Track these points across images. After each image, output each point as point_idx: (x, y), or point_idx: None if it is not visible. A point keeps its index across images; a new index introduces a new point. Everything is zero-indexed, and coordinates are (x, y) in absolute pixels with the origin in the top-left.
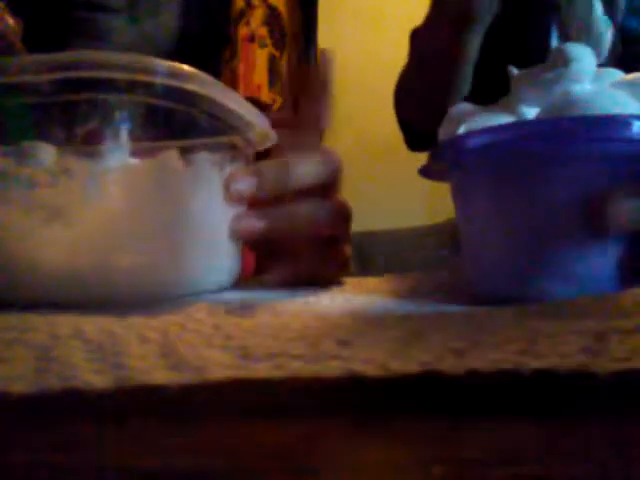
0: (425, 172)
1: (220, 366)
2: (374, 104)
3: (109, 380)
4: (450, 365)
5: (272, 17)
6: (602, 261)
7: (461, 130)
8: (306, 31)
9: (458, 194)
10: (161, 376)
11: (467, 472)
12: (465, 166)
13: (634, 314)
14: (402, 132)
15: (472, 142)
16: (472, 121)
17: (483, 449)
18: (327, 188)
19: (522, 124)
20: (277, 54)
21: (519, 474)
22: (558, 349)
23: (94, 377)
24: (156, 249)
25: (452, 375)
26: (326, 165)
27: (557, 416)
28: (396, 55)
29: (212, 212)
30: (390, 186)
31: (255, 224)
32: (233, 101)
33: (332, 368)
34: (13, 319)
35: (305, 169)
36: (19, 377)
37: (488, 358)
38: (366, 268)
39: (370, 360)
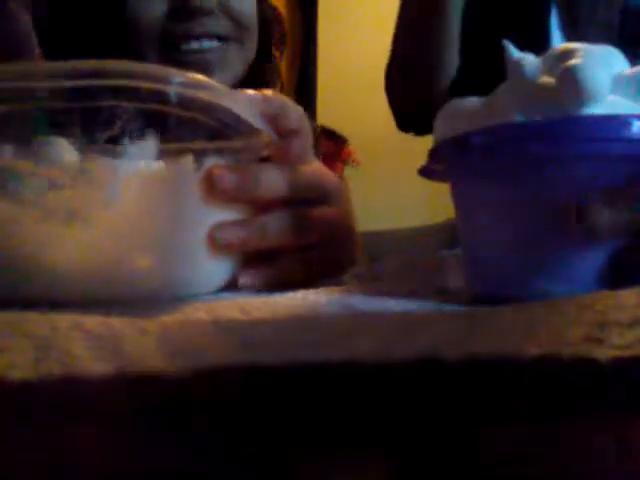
0: (425, 172)
1: (220, 354)
2: (375, 104)
3: (108, 367)
4: (450, 352)
5: (272, 17)
6: (603, 261)
7: (457, 128)
8: (306, 31)
9: (458, 194)
10: (160, 362)
11: (467, 472)
12: (465, 166)
13: (635, 308)
14: (393, 113)
15: (472, 142)
16: (469, 119)
17: (483, 449)
18: (327, 197)
19: (522, 124)
20: (277, 54)
21: (519, 474)
22: (559, 337)
23: (93, 365)
24: (166, 251)
25: (453, 361)
26: (324, 173)
27: (557, 416)
28: None
29: (213, 214)
30: (390, 186)
31: (235, 235)
32: (243, 109)
33: (333, 354)
34: (13, 315)
35: (302, 175)
36: (18, 365)
37: (489, 345)
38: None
39: (370, 347)
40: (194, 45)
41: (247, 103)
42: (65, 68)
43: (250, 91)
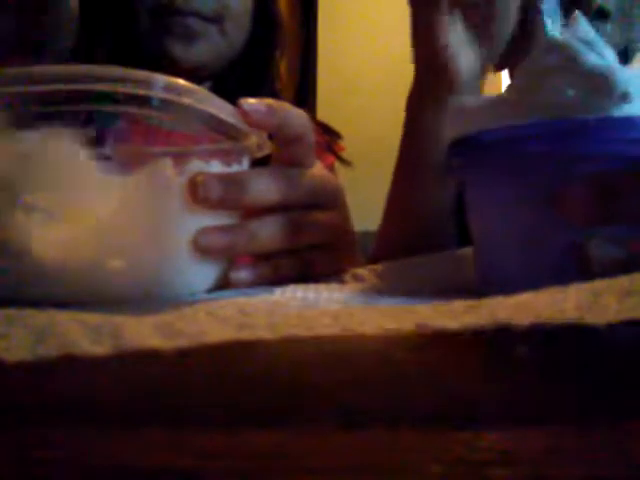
0: (442, 171)
1: (217, 333)
2: (375, 104)
3: (106, 348)
4: (446, 322)
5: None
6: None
7: (467, 125)
8: (306, 32)
9: (471, 193)
10: (158, 342)
11: (467, 472)
12: (477, 165)
13: (629, 285)
14: None
15: (485, 140)
16: (479, 116)
17: (483, 449)
18: (323, 201)
19: (536, 124)
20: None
21: (519, 474)
22: (553, 307)
23: (91, 347)
24: (145, 254)
25: (449, 329)
26: (317, 178)
27: (557, 416)
28: (396, 56)
29: (198, 219)
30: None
31: (219, 241)
32: (227, 113)
33: (329, 331)
34: (12, 310)
35: (293, 181)
36: (16, 347)
37: (484, 315)
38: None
39: (366, 322)
40: (179, 20)
41: (230, 107)
42: (46, 72)
43: (252, 100)
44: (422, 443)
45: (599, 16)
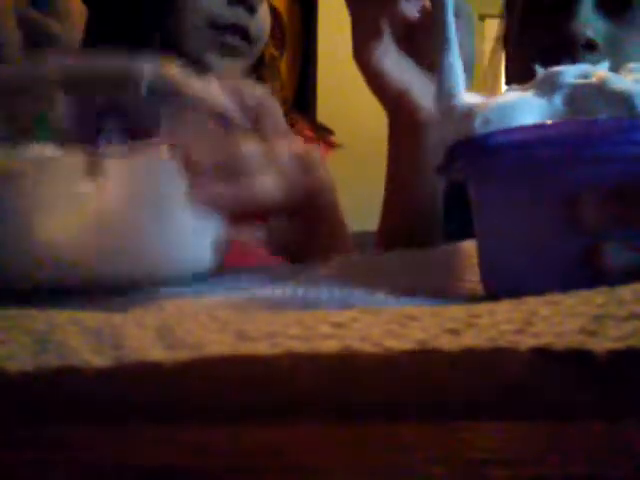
0: (442, 171)
1: (218, 344)
2: (375, 103)
3: (107, 359)
4: (446, 343)
5: (272, 17)
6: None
7: (478, 122)
8: (306, 31)
9: (479, 195)
10: (158, 353)
11: (467, 472)
12: (482, 166)
13: (632, 303)
14: None
15: (490, 142)
16: (488, 112)
17: (483, 449)
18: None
19: (544, 125)
20: (277, 54)
21: (519, 474)
22: (554, 329)
23: (92, 357)
24: (140, 238)
25: (448, 352)
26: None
27: (557, 416)
28: None
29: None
30: None
31: (218, 191)
32: (220, 102)
33: (329, 346)
34: (11, 311)
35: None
36: (17, 357)
37: (484, 337)
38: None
39: (366, 338)
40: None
41: (224, 97)
42: (39, 62)
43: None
44: (422, 443)
45: (587, 48)
